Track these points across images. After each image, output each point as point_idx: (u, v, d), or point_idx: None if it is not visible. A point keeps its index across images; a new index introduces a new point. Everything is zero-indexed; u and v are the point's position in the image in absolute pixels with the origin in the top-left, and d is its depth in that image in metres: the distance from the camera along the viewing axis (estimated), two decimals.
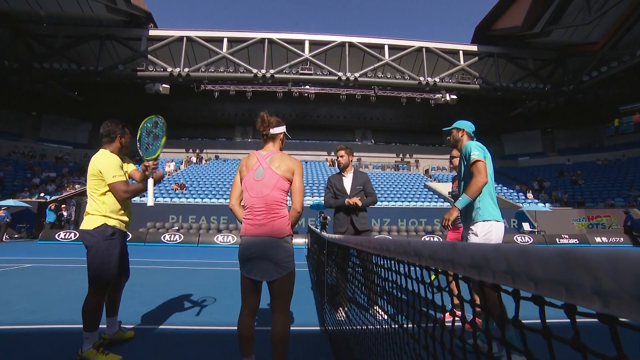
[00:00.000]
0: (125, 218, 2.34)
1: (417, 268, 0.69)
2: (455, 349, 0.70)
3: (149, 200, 2.27)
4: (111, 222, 2.21)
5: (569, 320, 0.34)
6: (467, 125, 2.62)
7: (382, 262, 1.08)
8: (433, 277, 0.69)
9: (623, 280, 0.24)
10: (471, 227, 2.32)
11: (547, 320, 0.40)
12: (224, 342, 2.47)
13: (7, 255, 7.92)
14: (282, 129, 2.03)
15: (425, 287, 0.77)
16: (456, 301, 3.05)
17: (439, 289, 0.71)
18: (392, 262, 0.93)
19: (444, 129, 2.75)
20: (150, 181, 2.30)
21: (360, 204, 3.28)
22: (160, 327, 2.78)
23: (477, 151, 2.30)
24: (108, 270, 2.13)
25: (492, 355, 0.53)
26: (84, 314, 2.07)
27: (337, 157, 3.51)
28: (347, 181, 3.47)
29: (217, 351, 2.30)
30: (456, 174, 3.62)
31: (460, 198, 2.32)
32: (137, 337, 2.56)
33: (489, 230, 2.25)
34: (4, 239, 12.97)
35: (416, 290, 0.83)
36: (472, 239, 2.30)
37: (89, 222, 2.19)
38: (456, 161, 3.34)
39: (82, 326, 2.09)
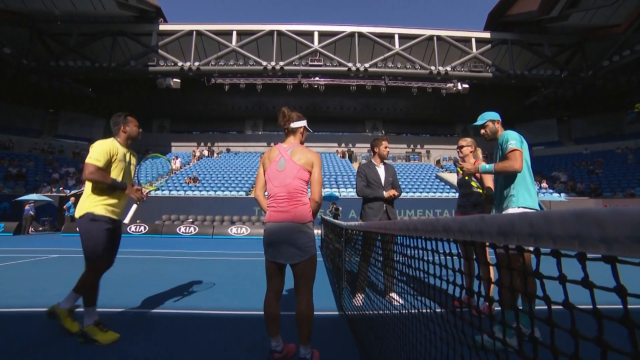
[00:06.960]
0: (113, 202, 2.39)
1: (445, 243, 0.76)
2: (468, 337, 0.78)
3: (127, 218, 2.51)
4: (96, 210, 2.31)
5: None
6: (498, 116, 2.61)
7: (407, 242, 1.15)
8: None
9: (623, 227, 0.32)
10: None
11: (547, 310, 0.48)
12: (249, 325, 2.61)
13: (35, 247, 8.38)
14: (302, 123, 2.13)
15: (451, 269, 0.84)
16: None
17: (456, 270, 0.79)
18: (419, 241, 1.01)
19: (475, 124, 2.61)
20: (135, 207, 2.72)
21: (398, 195, 3.38)
22: (179, 311, 2.95)
23: (514, 140, 2.32)
24: (97, 252, 2.30)
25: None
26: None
27: (385, 147, 3.51)
28: (381, 172, 3.47)
29: (243, 333, 2.44)
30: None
31: (488, 165, 2.46)
32: (155, 321, 2.72)
33: None
34: (29, 232, 13.60)
35: (439, 271, 0.90)
36: None
37: (77, 211, 2.36)
38: (466, 150, 3.34)
39: (95, 306, 2.34)
